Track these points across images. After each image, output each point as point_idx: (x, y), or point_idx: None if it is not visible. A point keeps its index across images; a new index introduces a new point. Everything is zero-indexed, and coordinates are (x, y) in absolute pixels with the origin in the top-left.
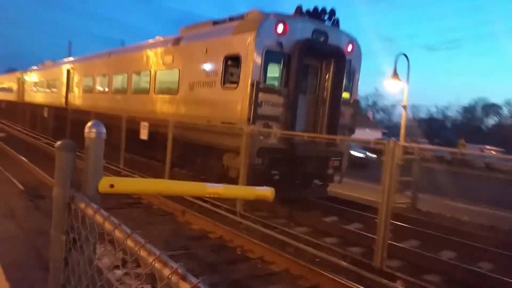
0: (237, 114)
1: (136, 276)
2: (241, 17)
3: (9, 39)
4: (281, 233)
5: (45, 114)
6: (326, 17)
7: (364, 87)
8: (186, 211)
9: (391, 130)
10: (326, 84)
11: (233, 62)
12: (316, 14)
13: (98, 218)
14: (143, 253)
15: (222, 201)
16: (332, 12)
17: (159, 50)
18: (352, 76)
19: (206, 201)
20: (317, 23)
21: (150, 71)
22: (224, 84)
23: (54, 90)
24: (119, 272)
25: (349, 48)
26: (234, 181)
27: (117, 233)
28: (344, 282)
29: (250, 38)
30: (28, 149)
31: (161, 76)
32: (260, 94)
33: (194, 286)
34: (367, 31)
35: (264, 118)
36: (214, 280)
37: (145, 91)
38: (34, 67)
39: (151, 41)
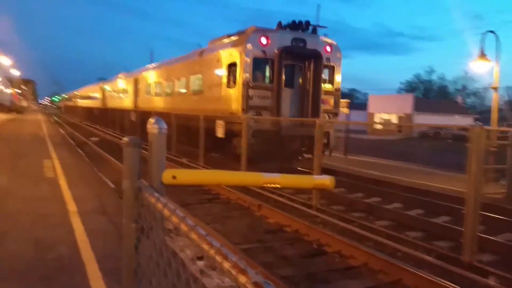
0: (237, 107)
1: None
2: (242, 32)
3: (99, 51)
4: (359, 227)
5: (133, 118)
6: (310, 27)
7: (452, 71)
8: (262, 205)
9: (485, 115)
10: (308, 79)
11: (233, 68)
12: (295, 26)
13: (162, 207)
14: (205, 246)
15: (298, 195)
16: (308, 23)
17: (191, 60)
18: (332, 71)
19: (281, 195)
20: (296, 33)
21: (186, 77)
22: (228, 85)
23: (126, 95)
24: (201, 263)
25: (328, 49)
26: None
27: (183, 226)
28: (429, 277)
29: (241, 49)
30: (118, 151)
31: (192, 81)
32: (251, 90)
33: (255, 283)
34: (453, 9)
35: (256, 108)
36: (290, 273)
37: (183, 93)
38: (112, 78)
39: (189, 53)
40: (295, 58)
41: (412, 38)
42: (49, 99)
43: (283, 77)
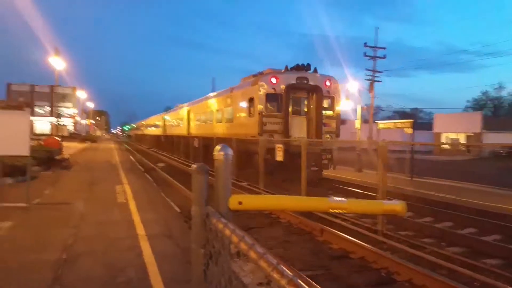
0: (255, 131)
1: None
2: (260, 74)
3: (167, 83)
4: (430, 253)
5: (196, 144)
6: (311, 68)
7: None
8: (325, 229)
9: None
10: (311, 108)
11: (252, 101)
12: (299, 67)
13: (230, 234)
14: (276, 275)
15: (363, 219)
16: (309, 65)
17: (225, 95)
18: (332, 100)
19: (345, 219)
20: (300, 72)
21: (221, 109)
22: (249, 115)
23: (181, 124)
24: None
25: (327, 83)
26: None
27: (252, 253)
28: None
29: (256, 88)
30: (184, 176)
31: (226, 111)
32: (264, 118)
33: None
34: None
35: (269, 132)
36: None
37: (219, 121)
38: (171, 109)
39: (225, 89)
40: (300, 92)
41: (477, 55)
42: (120, 128)
43: (290, 107)
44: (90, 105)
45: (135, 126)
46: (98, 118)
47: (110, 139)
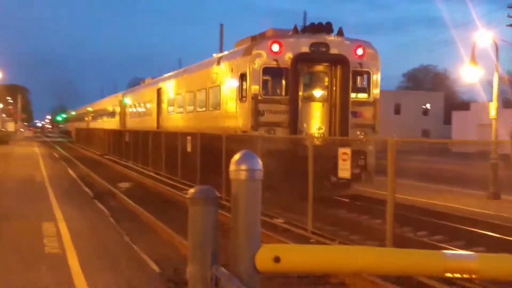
0: (246, 123)
1: None
2: (262, 35)
3: (139, 38)
4: None
5: (189, 148)
6: (335, 29)
7: None
8: None
9: None
10: (334, 89)
11: (243, 80)
12: (315, 29)
13: None
14: None
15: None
16: (329, 24)
17: (207, 68)
18: (367, 78)
19: (453, 283)
20: (316, 36)
21: (204, 89)
22: (240, 99)
23: (149, 111)
24: None
25: (359, 52)
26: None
27: None
28: None
29: (249, 58)
30: (164, 204)
31: (210, 93)
32: (261, 105)
33: None
34: None
35: (267, 124)
36: None
37: (201, 107)
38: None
39: (209, 59)
40: (316, 65)
41: None
42: (49, 118)
43: (301, 88)
44: None
45: (74, 114)
46: (9, 99)
47: (34, 137)
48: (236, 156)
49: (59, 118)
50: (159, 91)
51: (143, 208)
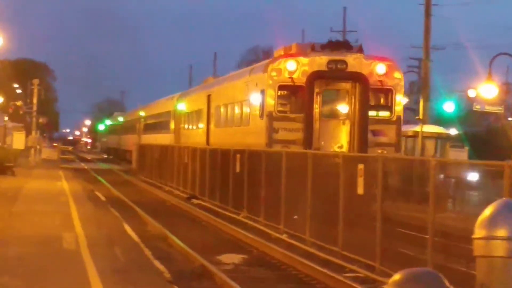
0: (261, 140)
1: None
2: (287, 49)
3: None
4: None
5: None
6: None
7: None
8: None
9: None
10: (353, 107)
11: (261, 96)
12: (333, 46)
13: None
14: None
15: None
16: (347, 42)
17: (238, 80)
18: (389, 95)
19: None
20: (333, 54)
21: (233, 103)
22: (260, 115)
23: (198, 122)
24: None
25: (380, 69)
26: None
27: None
28: None
29: (265, 76)
30: None
31: (236, 107)
32: (275, 122)
33: None
34: None
35: (282, 142)
36: None
37: (231, 122)
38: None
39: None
40: (335, 83)
41: None
42: (89, 126)
43: (319, 106)
44: None
45: (124, 120)
46: (17, 88)
47: (59, 160)
48: (489, 211)
49: (100, 127)
50: (209, 98)
51: None
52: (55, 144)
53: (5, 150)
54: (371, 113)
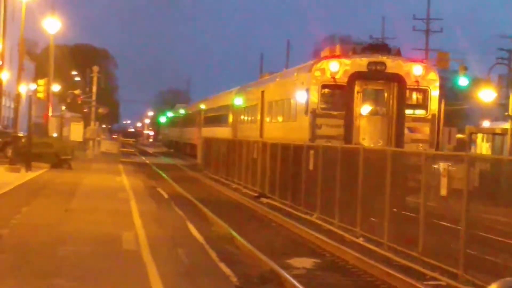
0: (304, 135)
1: None
2: (332, 50)
3: None
4: None
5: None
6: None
7: None
8: None
9: None
10: (391, 105)
11: (305, 95)
12: (373, 49)
13: None
14: None
15: None
16: (385, 45)
17: (287, 78)
18: (425, 95)
19: None
20: (373, 56)
21: (282, 100)
22: (306, 112)
23: (252, 117)
24: None
25: (416, 70)
26: None
27: None
28: None
29: (310, 76)
30: None
31: (291, 104)
32: (319, 119)
33: None
34: None
35: (324, 137)
36: None
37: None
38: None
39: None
40: (374, 83)
41: None
42: (151, 116)
43: (360, 103)
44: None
45: (185, 113)
46: (75, 76)
47: (119, 152)
48: None
49: (162, 119)
50: (263, 94)
51: None
52: (115, 136)
53: (62, 142)
54: (408, 111)
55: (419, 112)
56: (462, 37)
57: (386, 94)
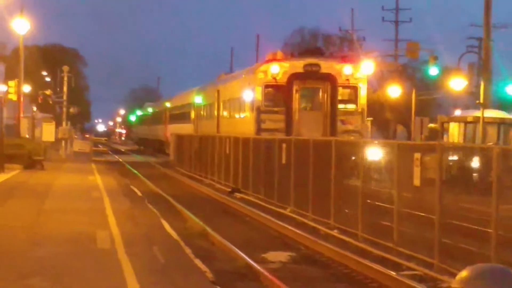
0: (250, 129)
1: None
2: (274, 54)
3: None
4: None
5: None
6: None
7: None
8: None
9: None
10: (325, 101)
11: (251, 94)
12: (308, 53)
13: None
14: None
15: None
16: (319, 49)
17: (236, 79)
18: (355, 91)
19: None
20: (309, 58)
21: (231, 99)
22: (250, 109)
23: (211, 113)
24: None
25: (347, 70)
26: None
27: None
28: None
29: (254, 77)
30: None
31: (232, 102)
32: (263, 115)
33: None
34: None
35: (268, 131)
36: None
37: (227, 115)
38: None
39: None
40: (310, 82)
41: None
42: (123, 115)
43: (297, 101)
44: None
45: (152, 111)
46: (46, 76)
47: (91, 153)
48: None
49: (132, 117)
50: (218, 93)
51: None
52: (87, 135)
53: (34, 142)
54: (340, 106)
55: (350, 107)
56: (432, 27)
57: (320, 92)
